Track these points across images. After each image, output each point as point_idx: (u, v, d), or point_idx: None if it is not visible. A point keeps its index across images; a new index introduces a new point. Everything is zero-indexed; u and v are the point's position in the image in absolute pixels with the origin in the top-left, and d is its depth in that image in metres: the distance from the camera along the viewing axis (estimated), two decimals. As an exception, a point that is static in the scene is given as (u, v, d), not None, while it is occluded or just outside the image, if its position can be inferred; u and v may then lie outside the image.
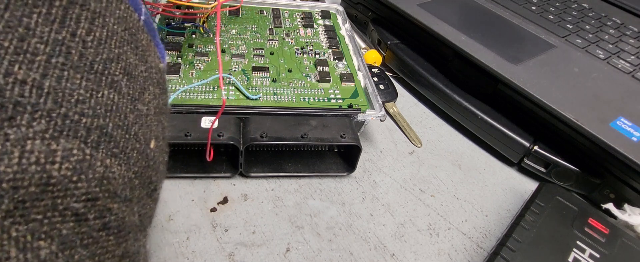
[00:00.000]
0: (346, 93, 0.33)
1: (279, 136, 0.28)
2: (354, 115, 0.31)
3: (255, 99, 0.30)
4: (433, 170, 0.35)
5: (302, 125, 0.29)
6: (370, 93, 0.33)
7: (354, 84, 0.34)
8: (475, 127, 0.37)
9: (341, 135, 0.29)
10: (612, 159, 0.30)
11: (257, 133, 0.28)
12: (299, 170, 0.31)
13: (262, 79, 0.32)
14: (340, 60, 0.36)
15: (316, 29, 0.40)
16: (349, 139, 0.29)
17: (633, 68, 0.40)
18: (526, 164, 0.35)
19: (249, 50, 0.35)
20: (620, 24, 0.48)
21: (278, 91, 0.31)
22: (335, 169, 0.32)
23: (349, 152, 0.32)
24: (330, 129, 0.29)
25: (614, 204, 0.31)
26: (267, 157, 0.31)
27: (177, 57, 0.32)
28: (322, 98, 0.32)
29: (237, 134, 0.28)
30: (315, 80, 0.33)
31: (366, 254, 0.28)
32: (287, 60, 0.35)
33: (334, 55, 0.36)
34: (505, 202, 0.33)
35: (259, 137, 0.28)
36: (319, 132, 0.29)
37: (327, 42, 0.38)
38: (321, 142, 0.29)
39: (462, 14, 0.44)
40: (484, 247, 0.30)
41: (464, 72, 0.39)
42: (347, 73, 0.34)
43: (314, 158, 0.32)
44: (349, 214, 0.30)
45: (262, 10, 0.40)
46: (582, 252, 0.26)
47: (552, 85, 0.35)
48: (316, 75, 0.34)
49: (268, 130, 0.28)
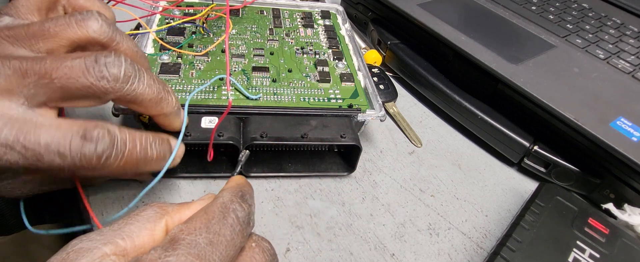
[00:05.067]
0: (346, 93, 0.33)
1: (279, 136, 0.28)
2: (354, 115, 0.31)
3: (255, 99, 0.30)
4: (433, 170, 0.35)
5: (302, 125, 0.29)
6: (370, 93, 0.33)
7: (354, 84, 0.34)
8: (475, 127, 0.37)
9: (341, 135, 0.29)
10: (612, 159, 0.30)
11: (257, 133, 0.28)
12: (299, 170, 0.31)
13: (262, 79, 0.32)
14: (340, 60, 0.36)
15: (316, 29, 0.40)
16: (349, 139, 0.29)
17: (633, 68, 0.40)
18: (526, 164, 0.35)
19: (249, 50, 0.35)
20: (620, 24, 0.48)
21: (278, 91, 0.32)
22: (335, 169, 0.32)
23: (349, 152, 0.32)
24: (330, 129, 0.29)
25: (614, 204, 0.31)
26: (267, 157, 0.31)
27: (177, 57, 0.32)
28: (322, 98, 0.32)
29: (237, 134, 0.28)
30: (315, 80, 0.33)
31: (366, 254, 0.28)
32: (287, 60, 0.35)
33: (334, 55, 0.36)
34: (505, 202, 0.33)
35: (259, 137, 0.28)
36: (319, 132, 0.29)
37: (327, 42, 0.38)
38: (321, 142, 0.29)
39: (462, 14, 0.44)
40: (484, 247, 0.30)
41: (464, 72, 0.39)
42: (347, 73, 0.34)
43: (314, 158, 0.32)
44: (349, 214, 0.30)
45: (262, 10, 0.40)
46: (582, 252, 0.26)
47: (552, 85, 0.35)
48: (316, 76, 0.34)
49: (268, 130, 0.28)
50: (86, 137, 0.18)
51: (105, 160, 0.19)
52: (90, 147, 0.18)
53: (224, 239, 0.17)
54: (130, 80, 0.20)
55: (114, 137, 0.19)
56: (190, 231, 0.17)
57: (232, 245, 0.17)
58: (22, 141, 0.18)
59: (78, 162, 0.18)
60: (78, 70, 0.18)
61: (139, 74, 0.20)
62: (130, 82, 0.20)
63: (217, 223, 0.17)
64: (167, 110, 0.22)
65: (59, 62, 0.18)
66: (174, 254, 0.15)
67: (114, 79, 0.19)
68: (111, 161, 0.19)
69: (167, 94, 0.22)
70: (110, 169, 0.20)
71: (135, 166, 0.21)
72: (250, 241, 0.19)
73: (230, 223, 0.18)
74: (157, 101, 0.21)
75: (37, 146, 0.18)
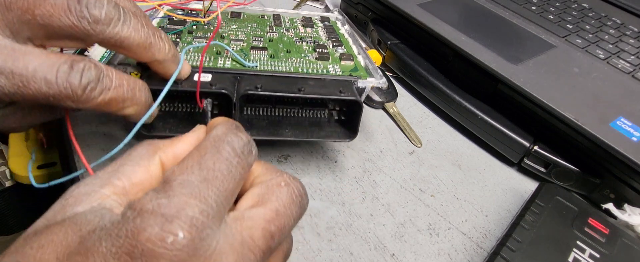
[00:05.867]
0: (346, 69, 0.32)
1: (274, 89, 0.27)
2: (355, 80, 0.30)
3: (251, 67, 0.30)
4: (433, 170, 0.35)
5: (299, 84, 0.28)
6: (371, 69, 0.32)
7: (354, 63, 0.33)
8: (475, 127, 0.37)
9: (340, 90, 0.28)
10: (612, 159, 0.30)
11: (251, 86, 0.27)
12: (296, 135, 0.30)
13: (260, 55, 0.32)
14: (340, 46, 0.35)
15: (315, 28, 0.40)
16: (349, 94, 0.28)
17: (633, 68, 0.40)
18: (526, 164, 0.35)
19: (248, 38, 0.35)
20: (620, 24, 0.48)
21: (276, 64, 0.31)
22: (335, 136, 0.30)
23: (349, 118, 0.30)
24: (328, 88, 0.28)
25: (614, 204, 0.31)
26: (263, 123, 0.30)
27: (176, 38, 0.32)
28: (321, 70, 0.31)
29: (230, 87, 0.27)
30: (314, 59, 0.32)
31: (366, 254, 0.28)
32: (286, 45, 0.34)
33: (333, 43, 0.36)
34: (505, 202, 0.33)
35: (254, 88, 0.27)
36: (317, 89, 0.28)
37: (326, 36, 0.38)
38: (319, 95, 0.28)
39: (462, 14, 0.44)
40: (484, 247, 0.30)
41: (464, 72, 0.39)
42: (346, 54, 0.34)
43: (312, 126, 0.31)
44: (349, 214, 0.30)
45: (263, 15, 0.40)
46: (582, 252, 0.26)
47: (552, 85, 0.35)
48: (315, 55, 0.33)
49: (263, 84, 0.27)
50: (73, 67, 0.19)
51: (90, 92, 0.19)
52: (76, 76, 0.19)
53: (219, 173, 0.16)
54: (112, 22, 0.20)
55: (100, 71, 0.20)
56: (182, 170, 0.16)
57: (231, 178, 0.17)
58: (10, 66, 0.18)
59: (64, 90, 0.19)
60: (60, 9, 0.19)
61: (124, 17, 0.20)
62: (113, 25, 0.20)
63: (211, 158, 0.17)
64: (158, 56, 0.22)
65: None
66: (165, 196, 0.15)
67: (95, 20, 0.19)
68: (96, 93, 0.20)
69: (159, 40, 0.22)
70: (95, 102, 0.20)
71: (121, 103, 0.21)
72: (280, 180, 0.18)
73: (225, 156, 0.17)
74: (146, 47, 0.21)
75: (25, 71, 0.18)
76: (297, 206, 0.18)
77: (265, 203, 0.17)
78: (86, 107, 0.20)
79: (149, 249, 0.13)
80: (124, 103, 0.21)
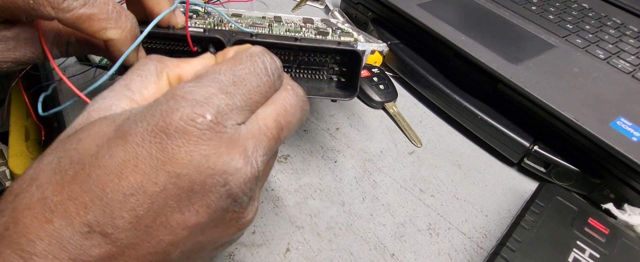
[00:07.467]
0: None
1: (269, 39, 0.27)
2: (354, 43, 0.30)
3: (249, 32, 0.29)
4: (433, 170, 0.35)
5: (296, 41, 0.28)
6: (372, 41, 0.32)
7: (354, 38, 0.33)
8: (475, 127, 0.37)
9: (338, 42, 0.28)
10: (612, 159, 0.30)
11: (245, 37, 0.27)
12: None
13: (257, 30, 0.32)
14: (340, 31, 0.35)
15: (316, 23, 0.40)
16: (347, 45, 0.27)
17: (633, 68, 0.40)
18: (526, 164, 0.35)
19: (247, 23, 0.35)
20: (620, 24, 0.48)
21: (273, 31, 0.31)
22: (334, 94, 0.30)
23: (349, 77, 0.30)
24: (327, 42, 0.28)
25: (614, 204, 0.31)
26: None
27: None
28: None
29: (224, 36, 0.27)
30: (313, 35, 0.32)
31: (366, 254, 0.28)
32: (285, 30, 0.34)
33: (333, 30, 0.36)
34: (505, 202, 0.33)
35: (249, 37, 0.27)
36: (315, 41, 0.28)
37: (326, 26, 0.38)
38: (317, 44, 0.27)
39: (462, 14, 0.44)
40: (484, 247, 0.30)
41: (464, 72, 0.39)
42: (345, 32, 0.34)
43: (311, 88, 0.30)
44: (349, 214, 0.30)
45: (264, 16, 0.41)
46: (582, 252, 0.26)
47: (552, 85, 0.35)
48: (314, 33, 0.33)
49: (258, 36, 0.27)
50: None
51: None
52: None
53: (248, 83, 0.17)
54: None
55: None
56: (215, 69, 0.17)
57: (258, 92, 0.18)
58: None
59: None
60: None
61: None
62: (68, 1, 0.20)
63: (244, 68, 0.18)
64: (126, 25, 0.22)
65: None
66: (196, 86, 0.16)
67: None
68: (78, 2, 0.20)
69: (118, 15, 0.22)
70: (76, 13, 0.20)
71: (104, 22, 0.21)
72: (286, 84, 0.20)
73: (257, 72, 0.18)
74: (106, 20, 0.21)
75: None
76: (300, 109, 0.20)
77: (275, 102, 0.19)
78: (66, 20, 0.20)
79: (181, 126, 0.15)
80: (108, 23, 0.21)
